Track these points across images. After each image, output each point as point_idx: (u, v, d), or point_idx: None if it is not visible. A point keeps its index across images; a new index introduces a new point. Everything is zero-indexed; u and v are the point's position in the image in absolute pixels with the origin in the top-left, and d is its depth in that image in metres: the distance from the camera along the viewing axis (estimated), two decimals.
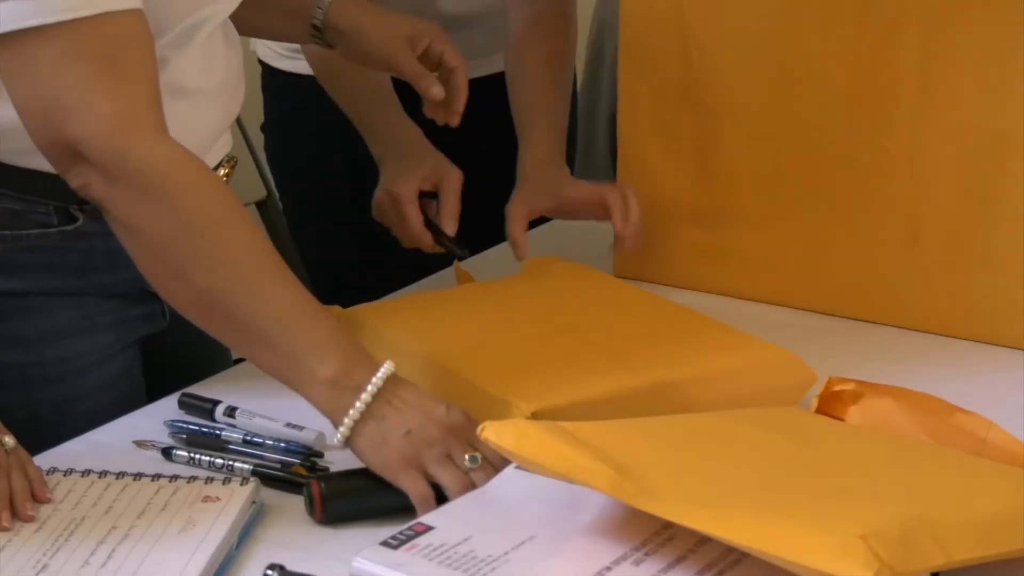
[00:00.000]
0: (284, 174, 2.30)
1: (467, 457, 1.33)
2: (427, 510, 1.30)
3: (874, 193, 1.75)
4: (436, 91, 1.75)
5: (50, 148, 1.37)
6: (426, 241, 1.85)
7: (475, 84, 2.20)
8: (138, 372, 1.67)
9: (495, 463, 1.33)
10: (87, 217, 1.55)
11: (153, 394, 1.64)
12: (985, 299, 1.71)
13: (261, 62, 2.23)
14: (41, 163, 1.43)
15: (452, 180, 1.86)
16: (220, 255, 1.37)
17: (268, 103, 2.26)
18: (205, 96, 1.59)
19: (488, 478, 1.31)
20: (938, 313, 1.74)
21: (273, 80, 2.22)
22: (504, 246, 1.91)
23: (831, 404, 1.44)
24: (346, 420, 1.34)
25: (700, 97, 1.84)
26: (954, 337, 1.73)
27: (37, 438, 1.42)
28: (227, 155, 1.68)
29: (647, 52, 1.88)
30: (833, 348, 1.69)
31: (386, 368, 1.36)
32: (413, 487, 1.32)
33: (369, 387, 1.34)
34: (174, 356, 1.74)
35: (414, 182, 1.86)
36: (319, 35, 1.78)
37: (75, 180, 1.38)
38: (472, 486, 1.31)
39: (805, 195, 1.80)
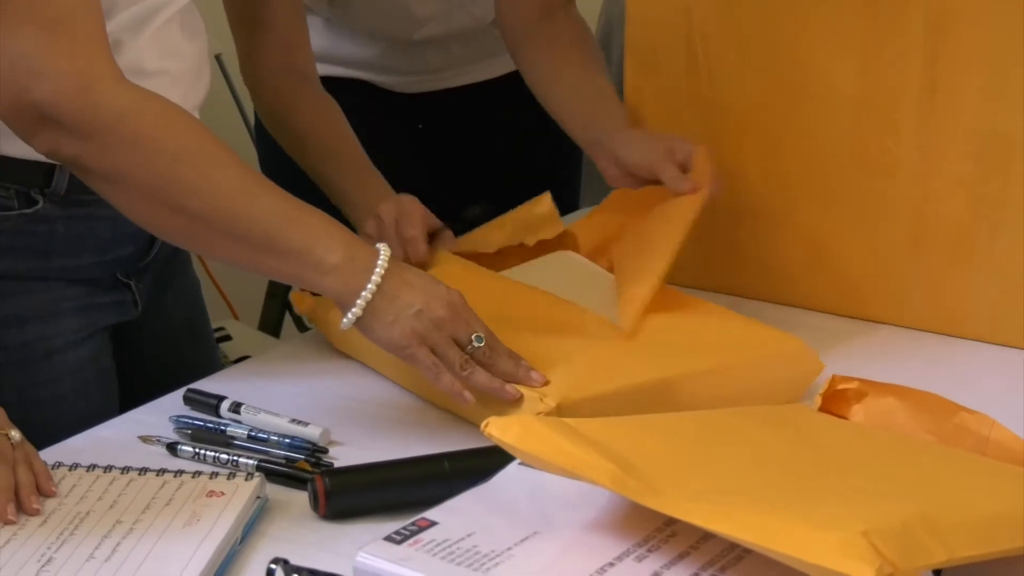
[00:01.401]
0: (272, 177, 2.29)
1: (474, 337, 1.44)
2: (439, 381, 1.44)
3: (879, 194, 1.75)
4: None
5: (14, 114, 1.39)
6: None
7: (455, 92, 2.21)
8: (107, 359, 1.67)
9: (492, 345, 1.45)
10: (47, 201, 1.56)
11: (137, 387, 1.64)
12: (989, 299, 1.71)
13: None
14: (3, 148, 1.44)
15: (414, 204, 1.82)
16: (207, 179, 1.41)
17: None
18: (166, 78, 1.59)
19: (487, 379, 1.44)
20: (942, 313, 1.74)
21: None
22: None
23: (834, 402, 1.44)
24: (359, 301, 1.41)
25: (706, 97, 1.85)
26: (958, 337, 1.73)
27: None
28: None
29: (653, 52, 1.88)
30: (837, 347, 1.70)
31: (386, 249, 1.42)
32: (425, 359, 1.43)
33: (378, 268, 1.42)
34: (154, 347, 1.74)
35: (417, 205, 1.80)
36: None
37: (43, 144, 1.41)
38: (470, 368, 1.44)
39: (810, 196, 1.80)
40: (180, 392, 1.58)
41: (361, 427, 1.52)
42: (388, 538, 1.16)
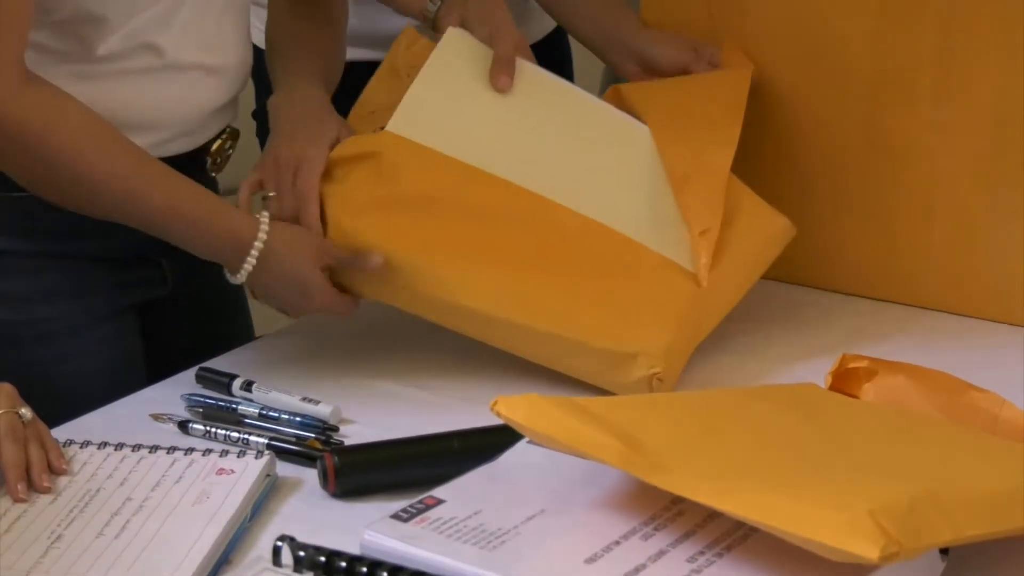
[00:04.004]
0: None
1: None
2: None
3: (892, 172, 1.75)
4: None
5: None
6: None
7: None
8: (134, 336, 1.68)
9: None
10: None
11: (172, 363, 1.65)
12: (1001, 278, 1.70)
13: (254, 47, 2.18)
14: None
15: None
16: (96, 179, 1.50)
17: (260, 89, 2.18)
18: (202, 72, 1.61)
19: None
20: (954, 292, 1.74)
21: (264, 65, 2.17)
22: None
23: (845, 381, 1.43)
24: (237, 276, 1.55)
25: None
26: (969, 316, 1.73)
27: (26, 395, 1.42)
28: (228, 127, 1.69)
29: (669, 23, 1.87)
30: (850, 326, 1.70)
31: (256, 249, 1.53)
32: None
33: (248, 261, 1.53)
34: (188, 323, 1.75)
35: (325, 148, 1.63)
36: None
37: None
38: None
39: (824, 174, 1.80)
40: (192, 371, 1.58)
41: (372, 406, 1.52)
42: (395, 516, 1.17)
